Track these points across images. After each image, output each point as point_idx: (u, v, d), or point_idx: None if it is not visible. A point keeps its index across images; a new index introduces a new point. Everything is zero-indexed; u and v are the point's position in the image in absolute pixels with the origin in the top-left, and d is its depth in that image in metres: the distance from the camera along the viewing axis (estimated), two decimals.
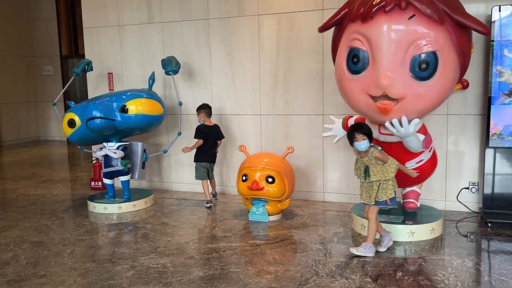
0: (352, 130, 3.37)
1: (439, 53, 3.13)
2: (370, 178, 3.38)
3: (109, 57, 5.83)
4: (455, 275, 3.03)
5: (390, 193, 3.38)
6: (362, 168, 3.43)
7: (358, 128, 3.36)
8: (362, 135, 3.31)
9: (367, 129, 3.36)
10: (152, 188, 5.72)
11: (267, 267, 3.25)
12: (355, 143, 3.36)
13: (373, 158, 3.35)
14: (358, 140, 3.33)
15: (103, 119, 4.62)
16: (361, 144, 3.32)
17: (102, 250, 3.71)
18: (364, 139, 3.31)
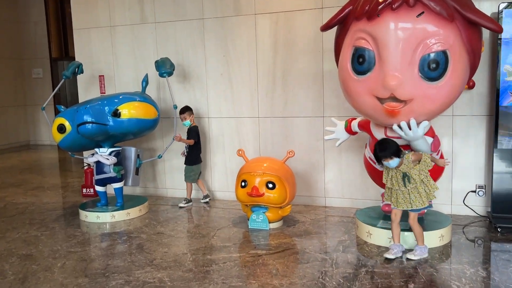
0: (377, 154, 3.23)
1: (449, 52, 2.97)
2: (411, 185, 3.21)
3: (100, 59, 5.63)
4: (469, 286, 2.88)
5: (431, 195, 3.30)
6: (399, 176, 3.23)
7: (383, 151, 3.18)
8: (387, 158, 3.17)
9: (393, 148, 3.18)
10: (146, 194, 5.52)
11: (270, 280, 3.07)
12: (384, 163, 3.23)
13: (410, 163, 3.19)
14: (386, 161, 3.19)
15: (94, 124, 4.41)
16: (391, 163, 3.19)
17: (95, 263, 3.51)
18: (392, 158, 3.16)
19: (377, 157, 3.25)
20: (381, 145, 3.22)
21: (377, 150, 3.23)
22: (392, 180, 3.27)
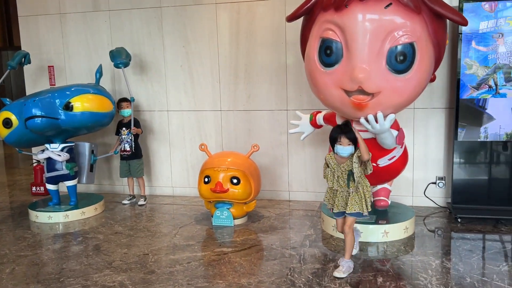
0: (340, 132, 2.90)
1: (417, 44, 2.95)
2: (354, 184, 2.94)
3: (49, 48, 5.27)
4: (436, 278, 2.89)
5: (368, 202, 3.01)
6: (345, 176, 2.95)
7: (346, 131, 2.90)
8: (347, 140, 2.88)
9: (354, 134, 2.91)
10: (101, 192, 5.25)
11: (238, 279, 2.97)
12: (338, 147, 2.90)
13: (357, 162, 2.91)
14: (342, 144, 2.88)
15: (44, 118, 4.11)
16: (346, 149, 2.89)
17: (48, 267, 3.26)
18: (350, 144, 2.88)
19: (335, 138, 2.91)
20: (347, 127, 2.94)
21: (341, 129, 2.91)
22: (339, 181, 2.98)
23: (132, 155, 4.76)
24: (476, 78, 3.83)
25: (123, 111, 4.69)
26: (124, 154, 4.75)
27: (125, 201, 4.86)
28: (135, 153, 4.77)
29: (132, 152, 4.75)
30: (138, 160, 4.82)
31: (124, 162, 4.80)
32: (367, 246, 3.47)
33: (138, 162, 4.82)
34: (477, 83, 3.83)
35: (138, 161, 4.81)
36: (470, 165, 4.09)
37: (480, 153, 4.09)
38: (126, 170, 4.82)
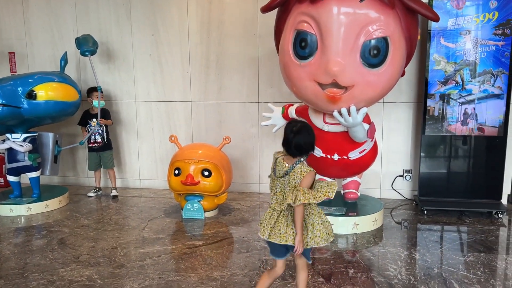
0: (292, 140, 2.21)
1: (390, 39, 2.98)
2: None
3: (10, 34, 5.02)
4: (405, 268, 2.96)
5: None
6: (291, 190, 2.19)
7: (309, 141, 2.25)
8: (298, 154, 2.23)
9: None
10: (65, 184, 5.09)
11: (210, 272, 2.93)
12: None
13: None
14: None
15: (5, 106, 3.92)
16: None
17: (11, 262, 3.12)
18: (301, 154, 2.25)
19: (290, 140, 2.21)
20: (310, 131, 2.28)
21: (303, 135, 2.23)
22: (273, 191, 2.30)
23: (103, 146, 4.63)
24: (444, 73, 3.92)
25: (95, 102, 4.52)
26: (95, 146, 4.61)
27: (91, 194, 4.72)
28: (107, 144, 4.65)
29: (104, 144, 4.62)
30: (110, 151, 4.71)
31: (94, 154, 4.66)
32: (337, 238, 3.51)
33: (110, 153, 4.71)
34: (445, 79, 3.93)
35: (110, 152, 4.70)
36: (436, 158, 4.20)
37: (445, 147, 4.20)
38: (97, 162, 4.68)
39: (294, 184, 2.19)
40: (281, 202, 2.24)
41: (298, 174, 2.19)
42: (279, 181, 2.25)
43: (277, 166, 2.27)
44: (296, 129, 2.21)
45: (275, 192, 2.27)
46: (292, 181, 2.20)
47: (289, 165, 2.22)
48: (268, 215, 2.28)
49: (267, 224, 2.26)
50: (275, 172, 2.27)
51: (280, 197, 2.25)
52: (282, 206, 2.23)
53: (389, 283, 2.76)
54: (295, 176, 2.19)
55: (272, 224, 2.24)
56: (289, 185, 2.21)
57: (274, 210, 2.26)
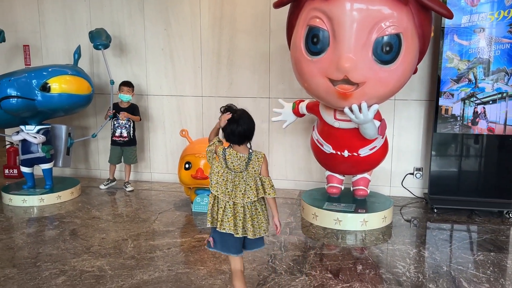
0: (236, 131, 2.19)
1: (403, 35, 2.97)
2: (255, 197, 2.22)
3: (25, 27, 5.08)
4: (414, 266, 2.96)
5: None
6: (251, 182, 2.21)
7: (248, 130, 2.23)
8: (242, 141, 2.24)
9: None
10: (77, 176, 5.15)
11: (219, 265, 2.96)
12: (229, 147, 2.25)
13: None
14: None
15: (20, 98, 3.97)
16: None
17: (24, 251, 3.18)
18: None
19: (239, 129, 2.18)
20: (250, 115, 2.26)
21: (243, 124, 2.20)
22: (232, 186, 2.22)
23: (128, 141, 4.64)
24: (457, 71, 3.89)
25: (122, 95, 4.54)
26: (120, 140, 4.62)
27: (102, 186, 4.76)
28: (132, 140, 4.66)
29: (129, 139, 4.63)
30: (134, 147, 4.72)
31: (117, 148, 4.66)
32: (346, 234, 3.52)
33: (134, 149, 4.72)
34: (457, 77, 3.90)
35: (134, 148, 4.72)
36: (448, 156, 4.17)
37: (457, 146, 4.17)
38: (118, 156, 4.70)
39: (253, 172, 2.20)
40: (244, 195, 2.20)
41: (256, 161, 2.21)
42: (235, 175, 2.21)
43: (229, 159, 2.20)
44: (237, 117, 2.19)
45: (235, 186, 2.20)
46: (251, 169, 2.20)
47: (244, 154, 2.21)
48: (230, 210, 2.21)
49: (238, 221, 2.21)
50: (228, 165, 2.21)
51: (243, 190, 2.20)
52: (246, 199, 2.20)
53: (398, 280, 2.76)
54: (254, 164, 2.21)
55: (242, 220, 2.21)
56: (249, 175, 2.20)
57: (235, 204, 2.22)
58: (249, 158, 2.21)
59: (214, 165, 2.26)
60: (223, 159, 2.23)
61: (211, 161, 2.28)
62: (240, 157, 2.20)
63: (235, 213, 2.21)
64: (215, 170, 2.24)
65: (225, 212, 2.22)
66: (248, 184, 2.21)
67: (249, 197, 2.20)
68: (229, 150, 2.23)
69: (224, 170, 2.22)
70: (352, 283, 2.72)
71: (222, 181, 2.22)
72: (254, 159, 2.22)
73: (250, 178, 2.21)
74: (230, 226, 2.21)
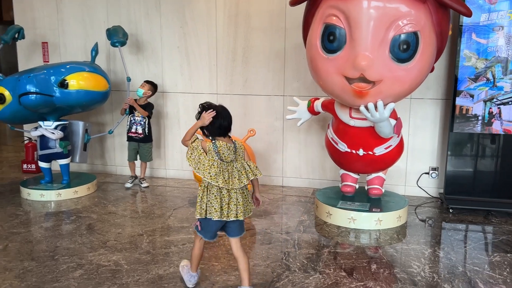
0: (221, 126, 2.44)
1: (420, 33, 2.95)
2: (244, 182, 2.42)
3: (43, 24, 5.16)
4: (429, 266, 2.94)
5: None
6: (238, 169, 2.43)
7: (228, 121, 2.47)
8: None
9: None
10: (93, 171, 5.22)
11: (233, 261, 2.97)
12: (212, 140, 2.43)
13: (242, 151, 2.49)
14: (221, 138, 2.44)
15: (39, 94, 4.04)
16: None
17: (42, 245, 3.24)
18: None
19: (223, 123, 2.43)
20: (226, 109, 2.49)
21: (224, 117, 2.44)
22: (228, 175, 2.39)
23: (143, 138, 4.61)
24: (475, 70, 3.85)
25: (138, 90, 4.53)
26: (136, 136, 4.60)
27: (128, 184, 4.71)
28: (147, 136, 4.63)
29: (144, 136, 4.60)
30: (149, 144, 4.69)
31: (133, 144, 4.64)
32: (360, 233, 3.51)
33: (149, 146, 4.69)
34: (475, 75, 3.85)
35: (149, 145, 4.69)
36: (464, 156, 4.13)
37: (473, 145, 4.13)
38: (135, 152, 4.68)
39: (240, 159, 2.46)
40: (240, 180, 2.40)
41: (240, 149, 2.48)
42: (228, 164, 2.41)
43: (221, 151, 2.39)
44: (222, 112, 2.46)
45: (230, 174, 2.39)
46: (239, 157, 2.46)
47: (231, 145, 2.44)
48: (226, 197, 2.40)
49: (232, 206, 2.41)
50: (222, 157, 2.39)
51: (237, 176, 2.40)
52: (241, 184, 2.40)
53: (412, 280, 2.75)
54: (239, 151, 2.47)
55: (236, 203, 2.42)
56: (238, 162, 2.44)
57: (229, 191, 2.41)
58: (234, 147, 2.44)
59: (204, 159, 2.40)
60: (215, 152, 2.39)
61: (197, 156, 2.42)
62: (229, 147, 2.42)
63: (228, 200, 2.41)
64: (209, 163, 2.38)
65: (218, 200, 2.39)
66: (239, 170, 2.43)
67: (242, 181, 2.41)
68: (219, 143, 2.41)
69: (218, 162, 2.39)
70: (366, 282, 2.72)
71: (220, 172, 2.38)
72: (238, 147, 2.47)
73: (239, 165, 2.44)
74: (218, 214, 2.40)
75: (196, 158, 2.42)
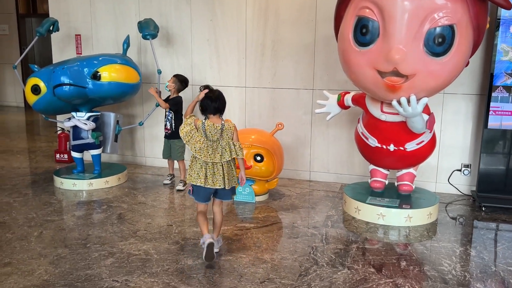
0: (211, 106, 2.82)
1: (456, 27, 2.87)
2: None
3: (77, 17, 5.27)
4: (460, 264, 2.88)
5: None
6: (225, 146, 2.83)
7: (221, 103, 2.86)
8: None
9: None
10: (123, 162, 5.31)
11: (261, 254, 2.99)
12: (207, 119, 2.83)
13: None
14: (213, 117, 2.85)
15: (72, 86, 4.13)
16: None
17: (74, 233, 3.33)
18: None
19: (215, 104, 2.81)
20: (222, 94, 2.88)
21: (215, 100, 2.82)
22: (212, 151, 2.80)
23: (171, 134, 4.40)
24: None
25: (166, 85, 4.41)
26: (166, 132, 4.44)
27: (166, 181, 4.57)
28: (174, 133, 4.34)
29: (171, 132, 4.39)
30: (178, 141, 4.35)
31: (165, 140, 4.49)
32: (389, 230, 3.47)
33: (178, 143, 4.39)
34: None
35: (178, 142, 4.37)
36: (498, 153, 4.02)
37: (508, 142, 4.01)
38: (167, 150, 4.49)
39: (227, 138, 2.83)
40: (222, 156, 2.81)
41: (228, 129, 2.83)
42: (213, 142, 2.81)
43: (207, 130, 2.80)
44: (216, 96, 2.84)
45: (214, 150, 2.81)
46: (226, 136, 2.83)
47: (218, 124, 2.81)
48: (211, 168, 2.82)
49: (218, 176, 2.82)
50: (207, 135, 2.80)
51: (222, 152, 2.81)
52: (223, 159, 2.81)
53: (443, 278, 2.70)
54: (227, 132, 2.83)
55: (222, 175, 2.82)
56: (224, 141, 2.83)
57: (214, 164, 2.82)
58: (222, 127, 2.80)
59: (194, 134, 2.83)
60: (203, 131, 2.81)
61: (189, 132, 2.84)
62: (216, 127, 2.80)
63: (214, 171, 2.82)
64: (197, 139, 2.82)
65: (202, 170, 2.82)
66: (223, 148, 2.82)
67: (224, 157, 2.82)
68: (208, 123, 2.81)
69: (204, 139, 2.82)
70: (396, 278, 2.69)
71: (204, 147, 2.81)
72: (227, 127, 2.83)
73: (225, 143, 2.83)
74: (201, 181, 2.82)
75: (187, 132, 2.84)
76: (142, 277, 2.67)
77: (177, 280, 2.63)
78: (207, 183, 2.81)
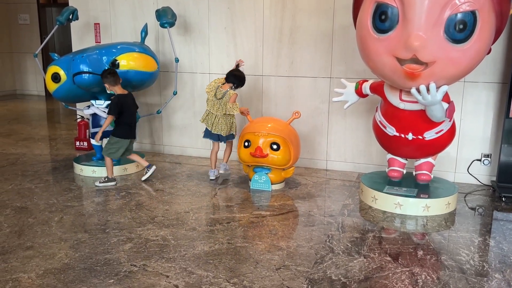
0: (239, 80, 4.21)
1: (478, 13, 2.81)
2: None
3: (96, 5, 5.31)
4: (479, 255, 2.85)
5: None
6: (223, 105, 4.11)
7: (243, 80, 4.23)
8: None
9: None
10: (141, 150, 5.37)
11: (277, 241, 3.01)
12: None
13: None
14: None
15: (91, 74, 4.19)
16: None
17: (94, 218, 3.39)
18: None
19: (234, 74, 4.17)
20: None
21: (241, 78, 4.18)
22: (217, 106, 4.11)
23: None
24: None
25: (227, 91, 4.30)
26: None
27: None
28: None
29: None
30: None
31: None
32: (406, 219, 3.44)
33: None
34: None
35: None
36: None
37: None
38: None
39: (226, 100, 4.07)
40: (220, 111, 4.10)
41: (228, 95, 4.07)
42: (217, 100, 4.10)
43: (217, 91, 4.11)
44: (232, 72, 4.19)
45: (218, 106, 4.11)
46: (225, 99, 4.07)
47: (224, 90, 4.09)
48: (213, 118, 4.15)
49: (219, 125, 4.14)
50: (216, 94, 4.11)
51: (220, 108, 4.09)
52: (222, 112, 4.10)
53: (461, 267, 2.68)
54: (227, 96, 4.07)
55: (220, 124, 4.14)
56: (223, 101, 4.08)
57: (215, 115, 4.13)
58: (225, 92, 4.08)
59: (211, 93, 4.15)
60: (215, 91, 4.12)
61: (209, 89, 4.18)
62: (221, 91, 4.11)
63: (218, 120, 4.13)
64: (210, 98, 4.15)
65: (211, 119, 4.14)
66: (221, 105, 4.09)
67: (223, 111, 4.09)
68: (220, 88, 4.12)
69: (213, 98, 4.12)
70: (412, 267, 2.67)
71: (212, 103, 4.13)
72: (227, 94, 4.08)
73: (223, 103, 4.08)
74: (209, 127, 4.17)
75: (209, 90, 4.16)
76: (159, 262, 2.71)
77: (193, 266, 2.67)
78: (213, 129, 4.13)
